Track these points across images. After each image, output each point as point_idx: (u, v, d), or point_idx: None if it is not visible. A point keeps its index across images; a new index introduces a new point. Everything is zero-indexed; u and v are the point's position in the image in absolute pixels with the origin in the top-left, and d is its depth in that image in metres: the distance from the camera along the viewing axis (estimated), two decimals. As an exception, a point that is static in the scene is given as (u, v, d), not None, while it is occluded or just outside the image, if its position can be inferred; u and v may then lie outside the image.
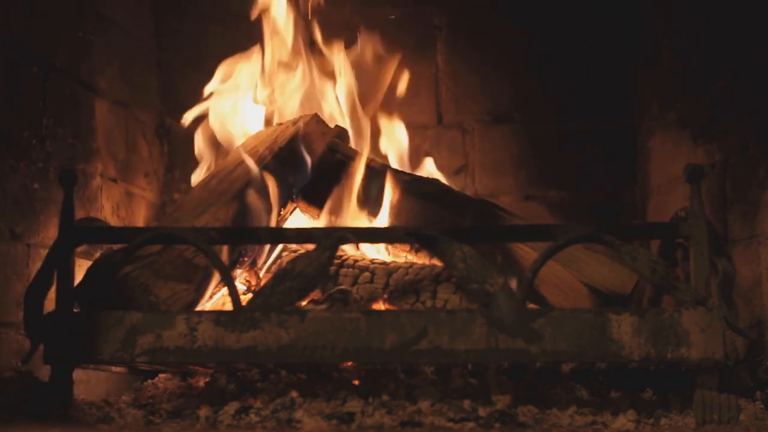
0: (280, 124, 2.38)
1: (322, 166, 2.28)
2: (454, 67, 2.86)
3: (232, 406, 1.68)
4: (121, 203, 2.42)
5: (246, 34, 2.54)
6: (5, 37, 1.87)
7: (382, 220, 2.22)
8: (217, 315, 1.67)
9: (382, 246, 2.26)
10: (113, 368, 1.94)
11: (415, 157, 2.63)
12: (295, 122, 2.34)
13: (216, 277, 1.96)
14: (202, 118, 2.47)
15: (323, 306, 1.97)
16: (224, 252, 1.94)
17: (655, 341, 1.62)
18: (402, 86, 2.65)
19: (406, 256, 2.25)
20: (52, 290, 1.74)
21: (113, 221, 2.34)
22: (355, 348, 1.64)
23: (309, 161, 2.26)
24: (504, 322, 1.62)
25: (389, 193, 2.23)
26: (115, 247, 1.83)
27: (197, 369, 1.98)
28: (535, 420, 1.63)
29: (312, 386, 1.79)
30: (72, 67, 2.16)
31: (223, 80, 2.48)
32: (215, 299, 2.07)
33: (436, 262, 2.12)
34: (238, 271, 2.10)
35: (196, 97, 2.51)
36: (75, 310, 1.74)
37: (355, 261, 2.17)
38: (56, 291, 1.74)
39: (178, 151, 2.70)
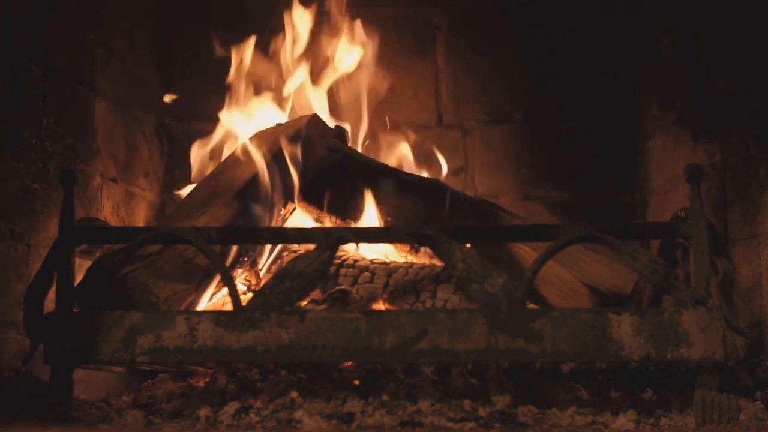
0: (280, 124, 2.38)
1: (322, 166, 2.28)
2: (454, 67, 2.86)
3: (232, 406, 1.68)
4: (121, 203, 2.42)
5: (246, 34, 2.54)
6: (5, 37, 1.87)
7: (383, 220, 2.22)
8: (217, 315, 1.67)
9: (382, 246, 2.26)
10: (113, 368, 1.94)
11: (415, 157, 2.63)
12: (294, 122, 2.34)
13: (216, 277, 1.96)
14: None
15: (323, 306, 1.97)
16: (232, 252, 1.95)
17: (655, 341, 1.62)
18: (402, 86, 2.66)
19: (406, 256, 2.25)
20: (52, 290, 1.74)
21: (113, 221, 2.34)
22: (355, 348, 1.64)
23: (309, 161, 2.26)
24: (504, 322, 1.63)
25: (389, 193, 2.23)
26: (115, 247, 1.83)
27: (197, 369, 1.98)
28: (535, 420, 1.63)
29: (312, 386, 1.79)
30: (72, 67, 2.16)
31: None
32: (215, 299, 2.07)
33: (437, 262, 2.12)
34: (238, 271, 2.10)
35: (197, 98, 2.51)
36: (75, 310, 1.74)
37: (355, 261, 2.17)
38: (56, 291, 1.74)
39: (178, 151, 2.70)
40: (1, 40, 1.86)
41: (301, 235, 1.86)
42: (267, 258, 2.19)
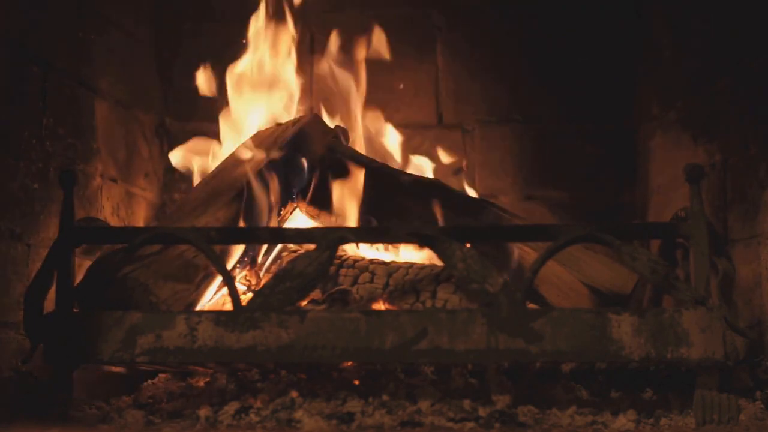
0: (280, 124, 2.38)
1: (322, 166, 2.28)
2: (454, 67, 2.86)
3: (232, 406, 1.68)
4: (121, 203, 2.42)
5: (245, 34, 2.54)
6: (5, 36, 1.87)
7: (382, 219, 2.21)
8: (217, 315, 1.67)
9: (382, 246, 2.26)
10: (113, 368, 1.94)
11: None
12: (295, 122, 2.34)
13: (216, 277, 1.96)
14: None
15: (323, 306, 1.97)
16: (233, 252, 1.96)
17: (655, 341, 1.62)
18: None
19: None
20: (52, 290, 1.74)
21: (113, 221, 2.34)
22: (355, 348, 1.64)
23: (309, 161, 2.26)
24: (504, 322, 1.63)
25: (389, 193, 2.23)
26: (115, 247, 1.83)
27: (197, 369, 1.98)
28: (535, 420, 1.63)
29: (312, 386, 1.79)
30: (72, 67, 2.16)
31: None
32: (215, 299, 2.07)
33: (437, 261, 2.12)
34: (238, 271, 2.10)
35: (196, 97, 2.51)
36: (75, 310, 1.74)
37: (355, 261, 2.17)
38: (56, 291, 1.74)
39: (178, 151, 2.70)
40: (1, 40, 1.86)
41: (301, 235, 1.86)
42: (267, 258, 2.19)
